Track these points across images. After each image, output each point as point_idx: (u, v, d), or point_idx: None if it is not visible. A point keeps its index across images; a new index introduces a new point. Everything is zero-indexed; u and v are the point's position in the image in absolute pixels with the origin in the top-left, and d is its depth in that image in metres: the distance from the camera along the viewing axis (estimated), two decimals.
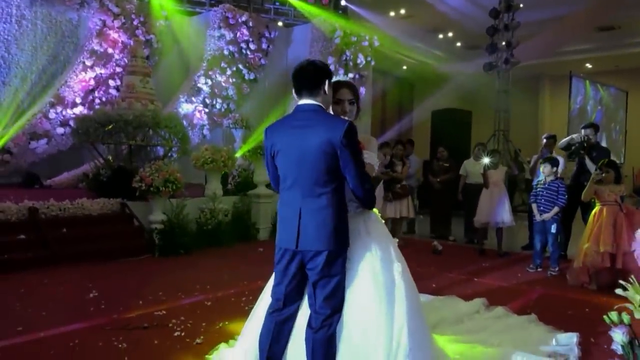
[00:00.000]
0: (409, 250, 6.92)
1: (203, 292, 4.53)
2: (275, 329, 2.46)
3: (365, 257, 2.48)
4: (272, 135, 2.44)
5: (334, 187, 2.33)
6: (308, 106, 2.38)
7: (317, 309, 2.35)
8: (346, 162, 2.29)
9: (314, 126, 2.31)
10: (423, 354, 2.47)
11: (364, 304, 2.42)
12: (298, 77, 2.41)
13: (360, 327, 2.40)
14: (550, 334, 3.45)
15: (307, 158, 2.30)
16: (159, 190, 6.20)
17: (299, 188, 2.34)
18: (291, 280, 2.42)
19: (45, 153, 9.08)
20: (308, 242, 2.30)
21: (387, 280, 2.46)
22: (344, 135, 2.24)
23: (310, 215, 2.30)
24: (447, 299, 4.29)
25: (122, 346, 3.20)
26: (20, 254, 5.20)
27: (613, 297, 4.58)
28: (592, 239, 4.92)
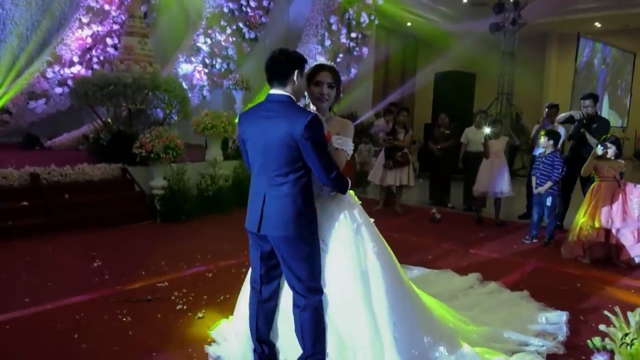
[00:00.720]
0: (408, 218, 7.06)
1: (204, 262, 4.63)
2: (259, 308, 2.58)
3: (339, 240, 2.55)
4: (242, 123, 2.49)
5: (296, 176, 2.37)
6: (276, 97, 2.40)
7: (298, 290, 2.44)
8: (308, 154, 2.32)
9: (277, 118, 2.34)
10: (410, 327, 2.58)
11: (342, 285, 2.51)
12: (269, 67, 2.41)
13: (341, 307, 2.50)
14: (541, 312, 3.56)
15: (270, 148, 2.35)
16: (159, 156, 6.21)
17: (264, 176, 2.40)
18: (262, 263, 2.52)
19: (44, 113, 9.04)
20: (269, 227, 2.39)
21: (361, 261, 2.54)
22: (304, 128, 2.26)
23: (273, 202, 2.38)
24: (442, 272, 4.39)
25: (126, 320, 3.31)
26: (24, 220, 5.28)
27: (605, 272, 4.73)
28: (588, 215, 4.97)
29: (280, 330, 2.64)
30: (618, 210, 4.87)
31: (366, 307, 2.49)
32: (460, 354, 2.67)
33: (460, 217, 7.37)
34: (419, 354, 2.55)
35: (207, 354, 2.83)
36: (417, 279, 4.29)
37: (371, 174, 7.55)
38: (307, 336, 2.44)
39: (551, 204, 5.62)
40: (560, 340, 3.15)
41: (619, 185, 4.97)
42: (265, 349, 2.61)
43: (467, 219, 7.09)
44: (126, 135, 7.07)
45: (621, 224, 4.84)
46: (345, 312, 2.50)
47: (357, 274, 2.52)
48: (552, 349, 3.01)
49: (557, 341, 3.14)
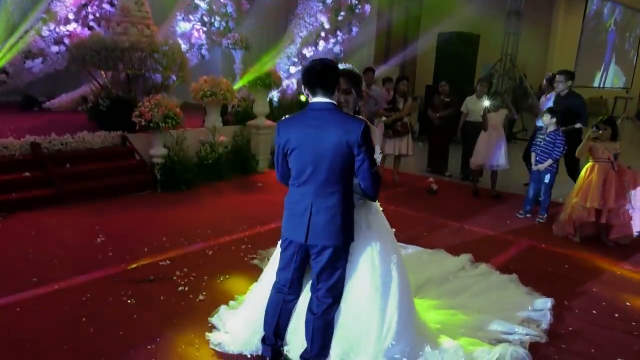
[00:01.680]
0: (405, 189, 7.16)
1: (204, 238, 4.76)
2: (283, 307, 2.71)
3: (366, 251, 2.66)
4: (286, 133, 2.47)
5: (345, 186, 2.45)
6: (323, 105, 2.42)
7: (319, 297, 2.57)
8: (362, 161, 2.38)
9: (330, 126, 2.37)
10: (408, 335, 2.72)
11: (361, 294, 2.64)
12: (314, 76, 2.42)
13: (354, 313, 2.64)
14: (528, 297, 3.71)
15: (323, 157, 2.38)
16: (159, 126, 6.22)
17: (312, 186, 2.44)
18: (296, 270, 2.62)
19: (41, 72, 8.93)
20: (317, 237, 2.46)
21: (384, 273, 2.66)
22: (361, 136, 2.31)
23: (321, 213, 2.44)
24: (436, 253, 4.53)
25: (130, 302, 3.47)
26: (27, 192, 5.36)
27: (593, 253, 4.87)
28: (581, 195, 5.07)
29: (291, 327, 2.79)
30: (610, 192, 4.95)
31: (380, 317, 2.63)
32: (443, 349, 2.82)
33: (458, 187, 7.46)
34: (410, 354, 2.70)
35: (208, 340, 2.99)
36: (412, 258, 4.45)
37: None
38: (317, 342, 2.60)
39: (549, 181, 5.70)
40: (544, 329, 3.31)
41: (613, 168, 5.02)
42: (279, 342, 2.77)
43: (464, 190, 7.19)
44: (125, 101, 7.04)
45: (612, 205, 4.94)
46: (359, 318, 2.64)
47: (379, 284, 2.64)
48: (535, 338, 3.17)
49: (540, 329, 3.30)
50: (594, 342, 3.22)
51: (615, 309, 3.72)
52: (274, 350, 2.78)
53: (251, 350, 2.86)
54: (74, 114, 8.17)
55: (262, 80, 7.55)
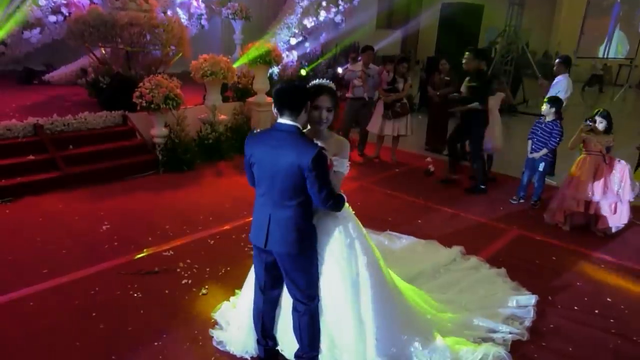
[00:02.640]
0: (402, 170, 7.27)
1: (206, 225, 4.93)
2: (264, 307, 2.91)
3: (333, 253, 2.81)
4: (251, 147, 2.64)
5: (299, 201, 2.59)
6: (285, 127, 2.54)
7: (297, 297, 2.76)
8: (312, 185, 2.51)
9: (286, 148, 2.50)
10: (390, 329, 2.91)
11: (334, 294, 2.81)
12: (281, 97, 2.52)
13: (333, 312, 2.83)
14: (513, 293, 3.91)
15: (277, 175, 2.54)
16: (159, 107, 6.27)
17: (270, 198, 2.61)
18: (266, 273, 2.80)
19: (39, 43, 8.89)
20: (275, 244, 2.64)
21: (352, 275, 2.81)
22: (311, 162, 2.44)
23: (278, 222, 2.61)
24: (428, 244, 4.70)
25: (137, 295, 3.67)
26: (32, 176, 5.49)
27: (581, 243, 5.04)
28: (572, 186, 5.20)
29: (279, 326, 3.00)
30: (600, 184, 5.08)
31: (354, 313, 2.81)
32: (432, 348, 3.03)
33: None
34: (397, 351, 2.91)
35: (211, 337, 3.20)
36: (406, 249, 4.65)
37: (370, 123, 7.62)
38: (305, 337, 2.79)
39: (543, 169, 5.82)
40: (526, 326, 3.51)
41: (604, 160, 5.13)
42: (269, 342, 2.99)
43: (460, 171, 7.30)
44: (125, 78, 7.05)
45: (601, 197, 5.08)
46: (336, 316, 2.83)
47: (348, 284, 2.80)
48: (517, 336, 3.38)
49: (523, 326, 3.50)
50: (572, 340, 3.43)
51: (596, 304, 3.92)
52: (267, 351, 2.99)
53: (251, 353, 3.07)
54: (73, 88, 8.19)
55: (262, 57, 7.51)
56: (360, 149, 7.83)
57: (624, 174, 5.07)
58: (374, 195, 6.12)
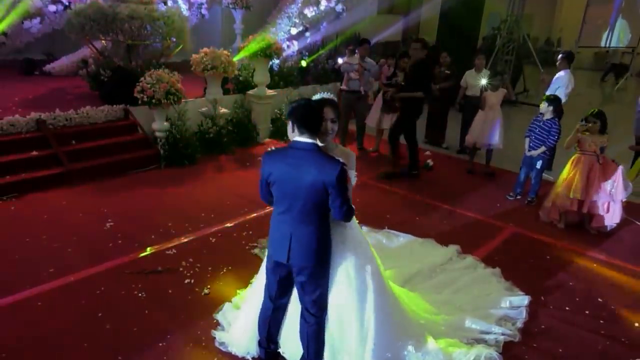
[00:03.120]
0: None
1: (208, 223, 5.03)
2: (272, 315, 3.02)
3: (342, 264, 2.92)
4: (270, 166, 2.69)
5: (321, 216, 2.69)
6: (305, 145, 2.60)
7: (307, 308, 2.86)
8: (334, 199, 2.60)
9: (309, 166, 2.56)
10: (388, 335, 3.02)
11: (340, 302, 2.92)
12: (302, 118, 2.59)
13: (337, 320, 2.94)
14: (506, 294, 4.02)
15: (300, 193, 2.60)
16: (160, 102, 6.32)
17: (291, 215, 2.68)
18: (279, 283, 2.90)
19: (40, 32, 8.89)
20: (296, 259, 2.73)
21: (359, 283, 2.93)
22: (336, 178, 2.52)
23: (300, 238, 2.69)
24: (426, 242, 4.81)
25: (141, 295, 3.78)
26: (35, 172, 5.56)
27: (575, 242, 5.14)
28: (565, 184, 5.30)
29: (283, 330, 3.11)
30: (593, 184, 5.17)
31: (358, 321, 2.92)
32: (425, 351, 3.15)
33: (453, 162, 7.65)
34: (392, 356, 3.03)
35: (214, 338, 3.32)
36: (403, 247, 4.76)
37: (369, 117, 7.67)
38: (312, 347, 2.91)
39: (541, 166, 5.90)
40: (518, 327, 3.63)
41: (597, 160, 5.20)
42: (271, 345, 3.11)
43: (459, 165, 7.39)
44: (127, 72, 7.08)
45: (594, 197, 5.17)
46: (341, 323, 2.94)
47: (355, 292, 2.91)
48: (509, 337, 3.50)
49: (515, 327, 3.62)
50: (562, 341, 3.55)
51: (587, 305, 4.04)
52: (268, 353, 3.11)
53: (252, 354, 3.19)
54: (74, 80, 8.20)
55: (263, 50, 7.52)
56: (359, 142, 7.89)
57: (617, 174, 5.14)
58: (372, 192, 6.20)
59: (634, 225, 5.61)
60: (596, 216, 5.30)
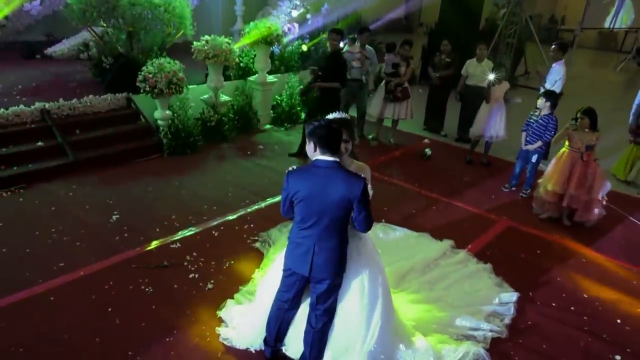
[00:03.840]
0: (399, 152, 7.47)
1: (210, 215, 5.19)
2: (283, 317, 3.22)
3: (357, 275, 3.11)
4: (295, 184, 2.83)
5: (343, 230, 2.89)
6: (328, 163, 2.77)
7: (317, 315, 3.07)
8: (359, 212, 2.79)
9: (335, 183, 2.74)
10: (385, 338, 3.23)
11: (351, 309, 3.12)
12: (325, 139, 2.74)
13: (345, 327, 3.14)
14: (497, 290, 4.21)
15: (327, 209, 2.78)
16: (162, 92, 6.40)
17: (316, 230, 2.85)
18: (296, 293, 3.11)
19: (40, 15, 8.90)
20: (318, 272, 2.92)
21: (371, 293, 3.13)
22: (360, 193, 2.71)
23: (322, 253, 2.88)
24: (421, 237, 4.98)
25: (148, 290, 3.97)
26: (42, 163, 5.70)
27: (566, 236, 5.30)
28: (548, 177, 5.53)
29: (290, 334, 3.30)
30: (573, 180, 5.36)
31: (365, 328, 3.12)
32: (415, 348, 3.35)
33: (451, 150, 7.76)
34: (385, 357, 3.23)
35: (218, 334, 3.52)
36: (399, 241, 4.94)
37: (370, 106, 7.75)
38: (314, 349, 3.12)
39: (536, 160, 6.03)
40: (506, 323, 3.83)
41: (581, 157, 5.34)
42: (278, 344, 3.32)
43: (456, 155, 7.51)
44: (128, 60, 7.12)
45: (573, 192, 5.37)
46: (348, 330, 3.14)
47: (366, 300, 3.12)
48: (497, 333, 3.70)
49: (503, 323, 3.82)
50: (547, 337, 3.76)
51: (573, 301, 4.23)
52: (273, 351, 3.32)
53: (255, 347, 3.40)
54: (76, 65, 8.23)
55: (264, 38, 7.54)
56: (359, 130, 7.99)
57: (597, 173, 5.34)
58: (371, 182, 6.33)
59: (628, 221, 5.77)
60: (576, 211, 5.47)
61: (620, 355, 3.62)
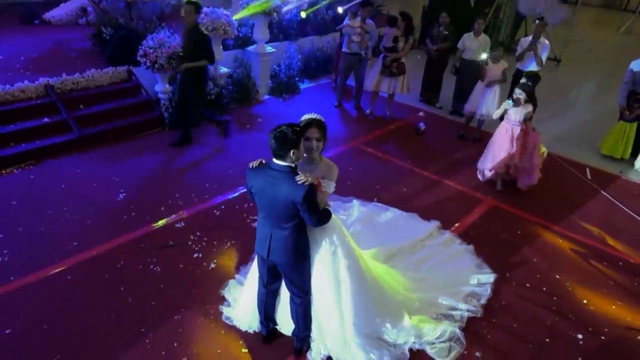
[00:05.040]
0: (394, 127, 7.67)
1: (212, 193, 5.50)
2: (265, 299, 3.61)
3: (321, 259, 3.44)
4: (251, 180, 3.18)
5: (294, 223, 3.17)
6: (278, 167, 3.05)
7: (294, 292, 3.44)
8: (303, 212, 3.08)
9: (281, 185, 3.03)
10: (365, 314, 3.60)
11: (321, 289, 3.49)
12: (271, 146, 3.00)
13: (320, 303, 3.54)
14: (476, 271, 4.58)
15: (274, 206, 3.11)
16: (163, 67, 6.52)
17: (269, 221, 3.20)
18: (268, 272, 3.46)
19: None
20: (275, 256, 3.28)
21: (335, 274, 3.46)
22: (302, 198, 2.98)
23: (277, 239, 3.22)
24: (409, 218, 5.29)
25: (156, 270, 4.33)
26: (48, 139, 5.94)
27: (544, 218, 5.62)
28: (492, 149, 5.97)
29: (279, 311, 3.71)
30: (516, 150, 5.76)
31: (336, 305, 3.50)
32: (400, 327, 3.76)
33: (445, 124, 7.97)
34: (370, 332, 3.63)
35: (221, 312, 3.91)
36: (390, 222, 5.26)
37: (367, 79, 7.87)
38: (300, 321, 3.52)
39: None
40: (482, 303, 4.22)
41: (521, 129, 5.72)
42: (270, 323, 3.71)
43: (450, 128, 7.72)
44: (128, 31, 7.19)
45: (517, 161, 5.81)
46: (323, 307, 3.53)
47: (332, 283, 3.47)
48: (473, 313, 4.10)
49: (479, 303, 4.21)
50: (518, 317, 4.15)
51: (545, 281, 4.61)
52: (268, 330, 3.72)
53: (254, 329, 3.79)
54: (75, 32, 8.27)
55: (263, 9, 7.55)
56: (356, 102, 8.15)
57: (536, 141, 5.80)
58: (365, 160, 6.60)
59: (609, 202, 6.05)
60: (519, 179, 5.97)
61: (582, 334, 4.02)
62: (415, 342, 3.75)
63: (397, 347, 3.71)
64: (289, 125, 3.03)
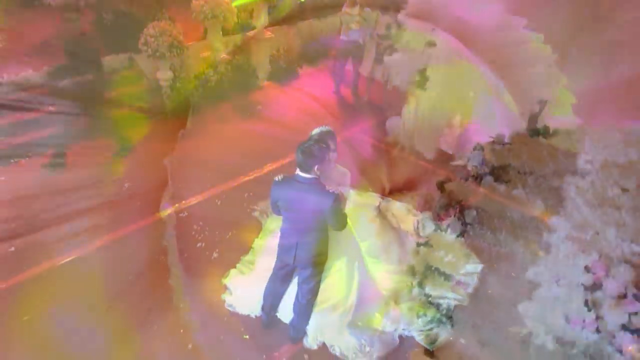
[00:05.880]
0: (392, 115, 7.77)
1: (213, 182, 5.70)
2: (276, 291, 3.92)
3: (336, 260, 3.81)
4: (278, 193, 3.43)
5: (319, 229, 3.48)
6: (304, 179, 3.31)
7: (303, 293, 3.76)
8: (329, 219, 3.37)
9: (309, 196, 3.31)
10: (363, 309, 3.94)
11: (333, 288, 3.86)
12: (298, 160, 3.27)
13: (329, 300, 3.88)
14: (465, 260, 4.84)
15: (302, 216, 3.41)
16: (165, 55, 6.63)
17: (296, 229, 3.49)
18: (285, 275, 3.79)
19: None
20: (301, 261, 3.57)
21: (348, 276, 3.84)
22: (330, 207, 3.27)
23: (303, 246, 3.52)
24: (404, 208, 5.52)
25: (163, 259, 4.59)
26: None
27: None
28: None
29: (281, 306, 4.03)
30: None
31: (344, 302, 3.88)
32: (389, 316, 4.06)
33: None
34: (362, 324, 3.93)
35: (223, 300, 4.19)
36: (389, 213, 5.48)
37: (362, 65, 7.97)
38: (300, 318, 3.85)
39: None
40: (469, 292, 4.50)
41: None
42: (272, 311, 4.02)
43: None
44: (128, 17, 7.24)
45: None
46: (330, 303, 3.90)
47: (345, 279, 3.86)
48: (459, 302, 4.38)
49: (466, 292, 4.49)
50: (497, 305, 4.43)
51: None
52: (269, 316, 4.02)
53: (255, 314, 4.09)
54: None
55: None
56: (354, 88, 8.28)
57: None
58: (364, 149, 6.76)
59: None
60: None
61: None
62: (404, 329, 4.05)
63: (387, 333, 4.02)
64: (316, 141, 3.28)
